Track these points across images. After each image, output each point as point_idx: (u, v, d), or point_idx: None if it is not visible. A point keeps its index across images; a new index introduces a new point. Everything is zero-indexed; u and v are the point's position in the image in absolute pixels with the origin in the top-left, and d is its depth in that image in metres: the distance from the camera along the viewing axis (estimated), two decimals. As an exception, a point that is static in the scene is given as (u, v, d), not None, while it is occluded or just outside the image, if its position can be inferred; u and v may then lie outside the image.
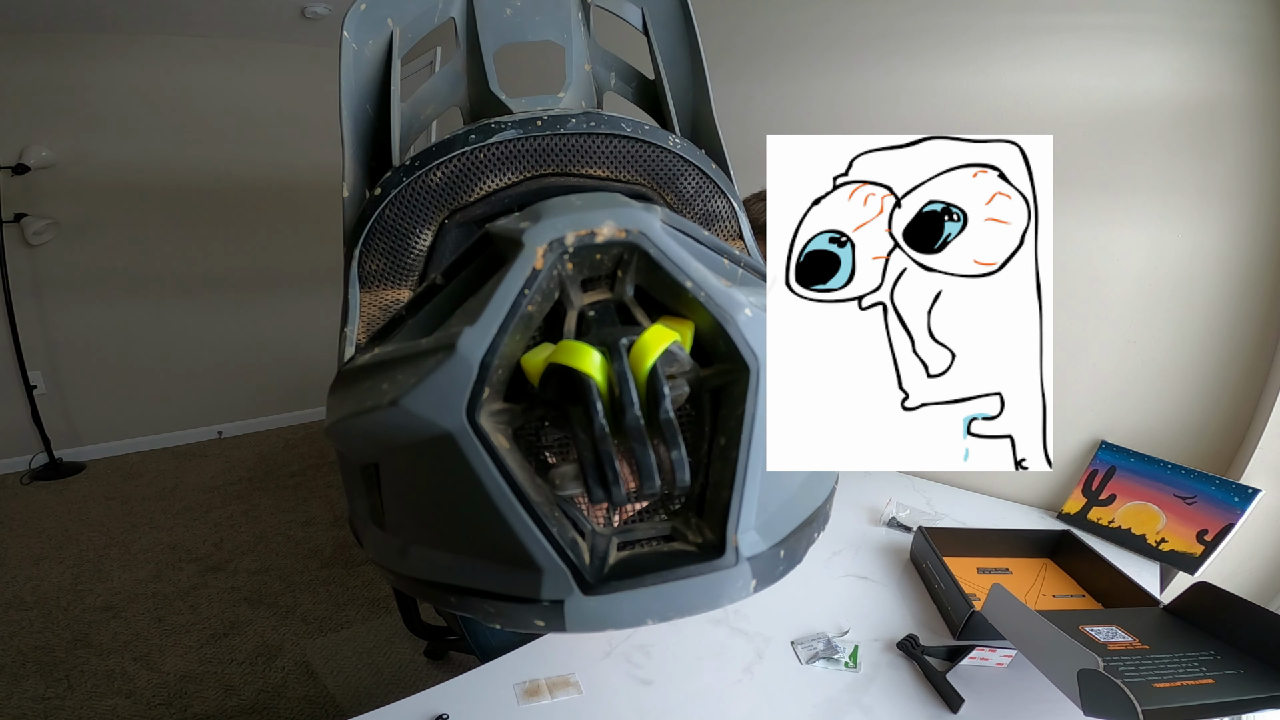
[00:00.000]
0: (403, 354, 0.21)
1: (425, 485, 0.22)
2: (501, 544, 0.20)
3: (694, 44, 0.42)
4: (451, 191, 0.33)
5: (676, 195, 0.36)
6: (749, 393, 0.20)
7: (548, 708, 0.63)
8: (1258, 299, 0.95)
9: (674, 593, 0.20)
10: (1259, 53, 0.91)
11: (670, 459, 0.19)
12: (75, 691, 1.50)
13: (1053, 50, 1.08)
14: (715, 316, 0.20)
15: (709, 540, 0.21)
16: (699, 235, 0.23)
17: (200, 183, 3.01)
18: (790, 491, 0.24)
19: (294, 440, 3.31)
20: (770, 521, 0.22)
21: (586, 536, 0.20)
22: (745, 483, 0.20)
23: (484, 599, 0.21)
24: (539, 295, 0.20)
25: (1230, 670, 0.63)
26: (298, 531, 2.34)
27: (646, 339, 0.19)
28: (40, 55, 2.53)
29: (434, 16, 0.38)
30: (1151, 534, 1.02)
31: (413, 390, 0.19)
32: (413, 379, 0.19)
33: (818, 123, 1.41)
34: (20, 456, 2.74)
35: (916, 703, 0.67)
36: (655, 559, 0.20)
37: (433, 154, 0.32)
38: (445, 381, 0.18)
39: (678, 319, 0.21)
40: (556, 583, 0.20)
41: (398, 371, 0.20)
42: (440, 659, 1.67)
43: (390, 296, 0.34)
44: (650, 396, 0.18)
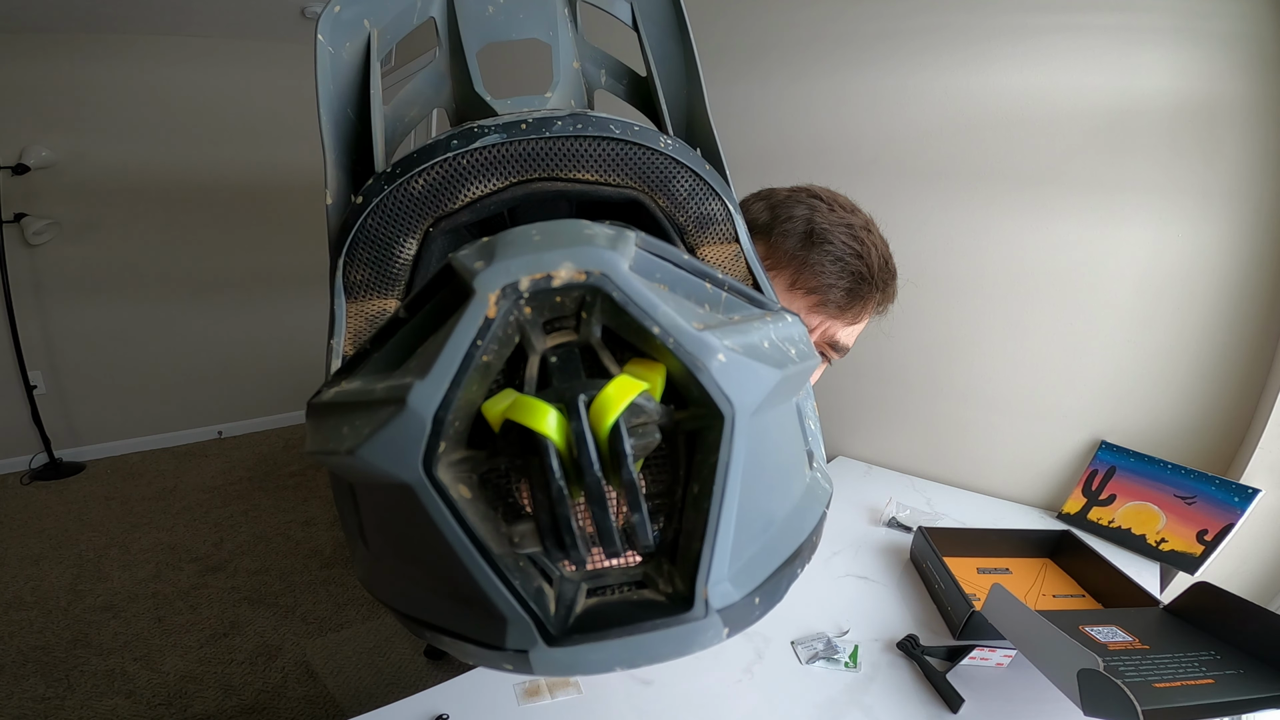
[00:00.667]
0: (360, 398, 0.20)
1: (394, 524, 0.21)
2: (466, 592, 0.19)
3: (686, 40, 0.40)
4: (435, 199, 0.31)
5: (669, 198, 0.34)
6: (723, 441, 0.19)
7: (548, 708, 0.63)
8: (1258, 299, 0.95)
9: (641, 644, 0.19)
10: (1259, 53, 0.91)
11: (633, 521, 0.18)
12: (75, 691, 1.50)
13: (1053, 50, 1.08)
14: (685, 364, 0.18)
15: (678, 591, 0.19)
16: (678, 260, 0.22)
17: (200, 182, 3.01)
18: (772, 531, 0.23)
19: (294, 440, 3.31)
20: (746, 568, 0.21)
21: (554, 583, 0.20)
22: (717, 534, 0.19)
23: (454, 639, 0.21)
24: (495, 344, 0.18)
25: (1230, 670, 0.63)
26: (298, 531, 2.34)
27: (609, 393, 0.18)
28: (40, 55, 2.53)
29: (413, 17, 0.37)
30: (1151, 534, 1.02)
31: (367, 441, 0.18)
32: (367, 429, 0.18)
33: (817, 123, 1.41)
34: (20, 456, 2.74)
35: (916, 703, 0.67)
36: (623, 610, 0.20)
37: (414, 161, 0.31)
38: (398, 436, 0.18)
39: (648, 362, 0.19)
40: (520, 633, 0.19)
41: (355, 417, 0.19)
42: (440, 659, 1.67)
43: (377, 307, 0.33)
44: (612, 455, 0.17)
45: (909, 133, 1.27)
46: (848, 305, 0.57)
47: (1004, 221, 1.17)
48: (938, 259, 1.26)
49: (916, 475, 1.33)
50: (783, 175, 1.54)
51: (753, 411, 0.19)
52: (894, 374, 1.36)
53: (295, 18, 2.80)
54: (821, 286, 0.56)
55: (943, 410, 1.29)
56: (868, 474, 1.35)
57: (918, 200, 1.27)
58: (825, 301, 0.56)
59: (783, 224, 0.57)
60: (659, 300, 0.19)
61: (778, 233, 0.57)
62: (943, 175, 1.23)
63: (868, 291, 0.58)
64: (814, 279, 0.56)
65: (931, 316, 1.28)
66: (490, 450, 0.19)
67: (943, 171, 1.23)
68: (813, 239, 0.56)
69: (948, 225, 1.24)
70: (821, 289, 0.56)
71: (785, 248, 0.56)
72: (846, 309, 0.57)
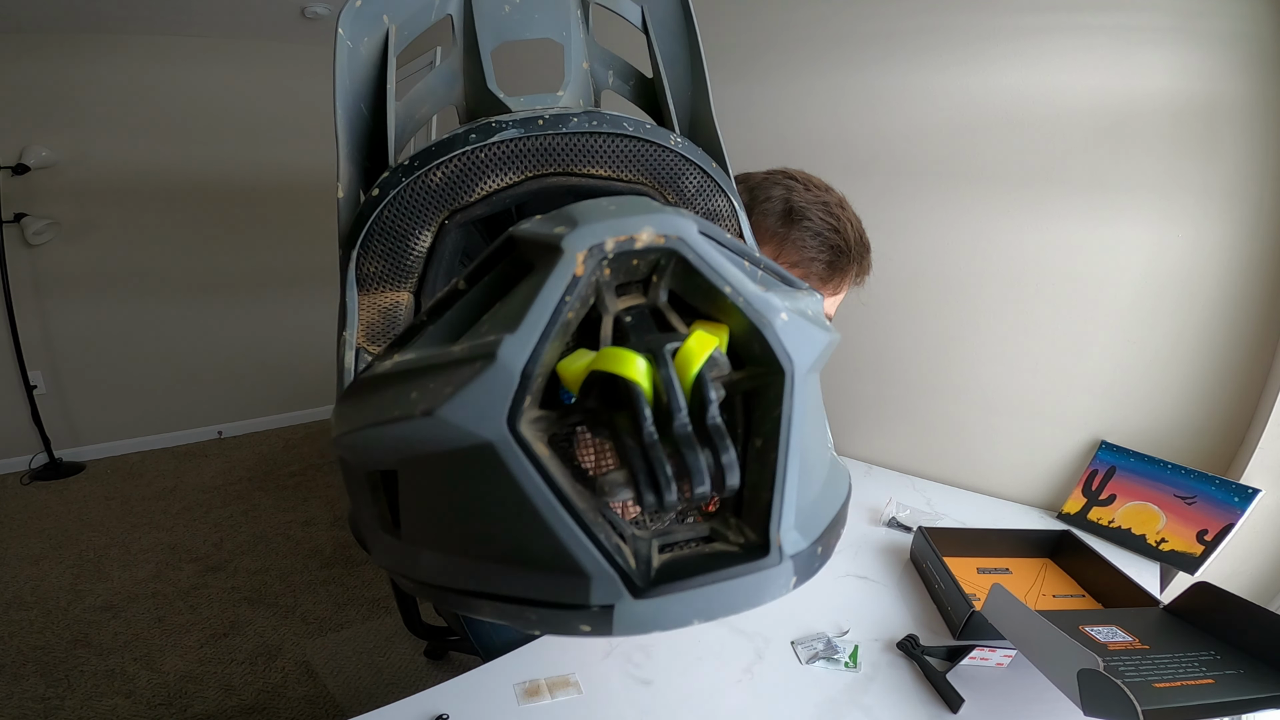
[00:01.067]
0: (433, 362, 0.20)
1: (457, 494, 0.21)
2: (545, 551, 0.19)
3: (694, 43, 0.41)
4: (451, 192, 0.32)
5: (678, 194, 0.36)
6: (785, 395, 0.20)
7: (548, 708, 0.63)
8: (1258, 299, 0.95)
9: (720, 593, 0.20)
10: (1259, 53, 0.91)
11: (721, 462, 0.19)
12: (75, 691, 1.50)
13: (1053, 50, 1.08)
14: (753, 321, 0.20)
15: (752, 540, 0.21)
16: (726, 240, 0.23)
17: (200, 182, 3.01)
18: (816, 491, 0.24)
19: (294, 440, 3.31)
20: (807, 518, 0.22)
21: (628, 541, 0.20)
22: (785, 483, 0.20)
23: (523, 606, 0.21)
24: (578, 302, 0.19)
25: (1230, 670, 0.63)
26: (298, 531, 2.34)
27: (691, 345, 0.19)
28: (40, 55, 2.53)
29: (430, 13, 0.37)
30: (1151, 534, 1.02)
31: (449, 400, 0.18)
32: (448, 388, 0.19)
33: (815, 122, 1.41)
34: (20, 456, 2.74)
35: (916, 703, 0.67)
36: (700, 560, 0.20)
37: (432, 154, 0.31)
38: (485, 391, 0.18)
39: (712, 323, 0.21)
40: (605, 588, 0.19)
41: (429, 380, 0.20)
42: (440, 659, 1.67)
43: (389, 299, 0.33)
44: (697, 402, 0.19)
45: (908, 132, 1.27)
46: (829, 277, 0.61)
47: (1003, 221, 1.17)
48: (937, 259, 1.26)
49: (916, 475, 1.33)
50: (783, 175, 1.53)
51: (807, 370, 0.20)
52: (894, 374, 1.35)
53: (295, 18, 2.80)
54: (803, 260, 0.59)
55: (943, 410, 1.29)
56: (868, 474, 1.35)
57: (917, 200, 1.27)
58: (807, 275, 0.59)
59: (761, 204, 0.60)
60: (729, 262, 0.20)
61: (757, 212, 0.60)
62: (942, 175, 1.23)
63: (846, 264, 0.62)
64: (795, 254, 0.59)
65: (931, 316, 1.28)
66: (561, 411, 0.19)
67: (942, 171, 1.23)
68: (791, 217, 0.59)
69: (947, 225, 1.24)
70: (803, 263, 0.59)
71: (766, 226, 0.60)
72: (828, 281, 0.61)
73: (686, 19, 0.42)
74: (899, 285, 1.32)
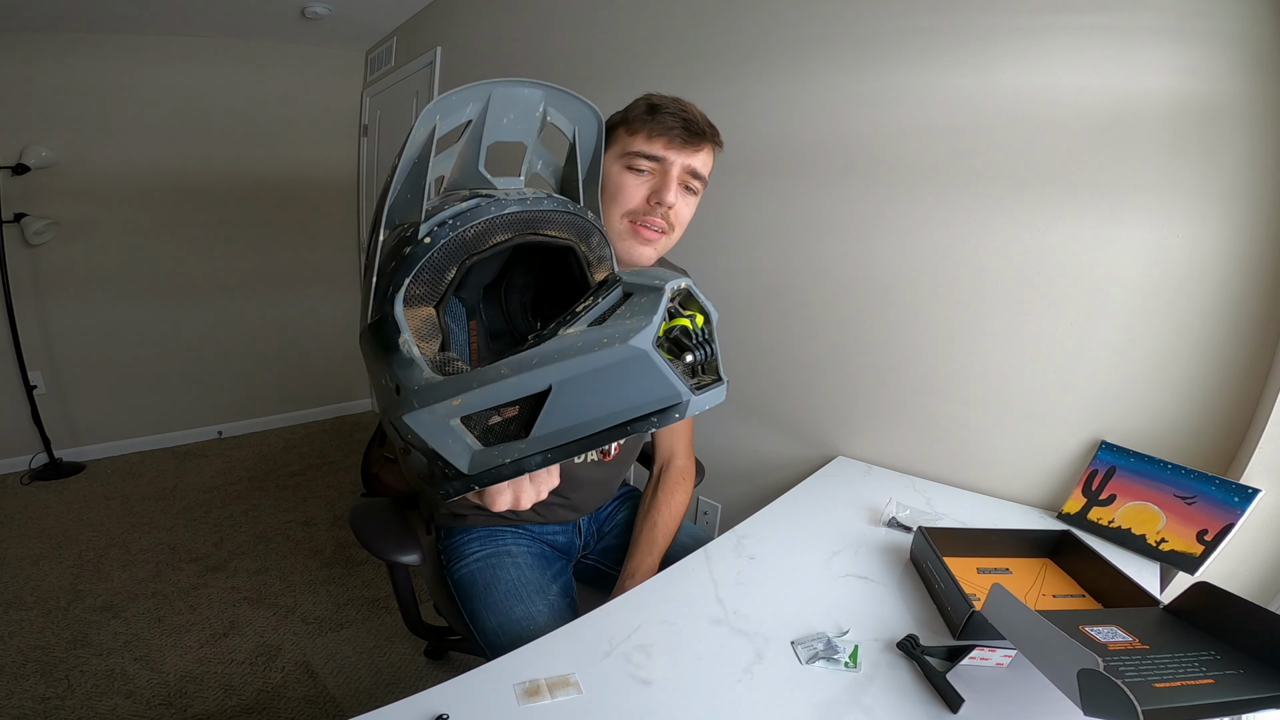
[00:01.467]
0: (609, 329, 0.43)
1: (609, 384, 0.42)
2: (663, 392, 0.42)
3: (599, 154, 0.63)
4: (475, 242, 0.49)
5: (588, 246, 0.58)
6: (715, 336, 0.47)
7: (548, 708, 0.63)
8: (1258, 299, 0.95)
9: (713, 395, 0.45)
10: (1259, 53, 0.91)
11: (713, 350, 0.46)
12: (75, 691, 1.50)
13: (1053, 50, 1.08)
14: (706, 309, 0.47)
15: (719, 378, 0.46)
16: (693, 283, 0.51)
17: (201, 182, 3.01)
18: None
19: (294, 440, 3.31)
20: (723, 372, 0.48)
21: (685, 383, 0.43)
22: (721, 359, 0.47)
23: (644, 421, 0.43)
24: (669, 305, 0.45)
25: (1230, 670, 0.63)
26: (298, 531, 2.34)
27: (699, 317, 0.47)
28: (40, 55, 2.53)
29: (462, 116, 0.54)
30: (1151, 534, 1.02)
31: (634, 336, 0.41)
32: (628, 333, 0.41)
33: (815, 122, 1.41)
34: (20, 456, 2.74)
35: (916, 703, 0.67)
36: (708, 384, 0.45)
37: (466, 217, 0.48)
38: (647, 332, 0.41)
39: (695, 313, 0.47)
40: (685, 396, 0.43)
41: (606, 334, 0.42)
42: (440, 659, 1.67)
43: (425, 312, 0.49)
44: (708, 333, 0.46)
45: (907, 133, 1.27)
46: (689, 140, 0.85)
47: (1003, 221, 1.17)
48: (937, 259, 1.26)
49: (916, 475, 1.33)
50: (781, 174, 1.55)
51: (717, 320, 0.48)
52: (894, 374, 1.36)
53: (295, 18, 2.81)
54: (666, 130, 0.84)
55: (943, 410, 1.30)
56: (868, 474, 1.35)
57: (917, 200, 1.27)
58: (671, 140, 0.84)
59: (634, 109, 0.87)
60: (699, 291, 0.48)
61: (631, 114, 0.86)
62: (942, 175, 1.23)
63: (698, 130, 0.85)
64: (659, 127, 0.84)
65: (931, 316, 1.28)
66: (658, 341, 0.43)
67: (942, 171, 1.23)
68: (652, 108, 0.85)
69: (947, 225, 1.24)
70: (667, 133, 0.84)
71: (638, 118, 0.85)
72: (689, 143, 0.85)
73: (599, 138, 0.62)
74: (899, 285, 1.32)
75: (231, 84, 3.00)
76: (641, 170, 0.85)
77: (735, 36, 1.54)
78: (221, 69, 2.96)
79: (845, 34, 1.34)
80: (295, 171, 3.28)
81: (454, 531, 1.07)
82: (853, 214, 1.38)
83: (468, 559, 1.02)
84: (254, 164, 3.14)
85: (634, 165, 0.84)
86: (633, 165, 0.85)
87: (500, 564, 0.99)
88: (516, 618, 0.90)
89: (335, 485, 2.78)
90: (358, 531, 0.99)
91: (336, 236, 3.54)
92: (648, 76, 1.75)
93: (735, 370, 1.67)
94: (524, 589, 0.95)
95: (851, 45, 1.34)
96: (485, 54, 2.47)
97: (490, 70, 2.43)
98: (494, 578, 0.97)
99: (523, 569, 0.99)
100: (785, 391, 1.57)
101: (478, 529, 1.06)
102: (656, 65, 1.73)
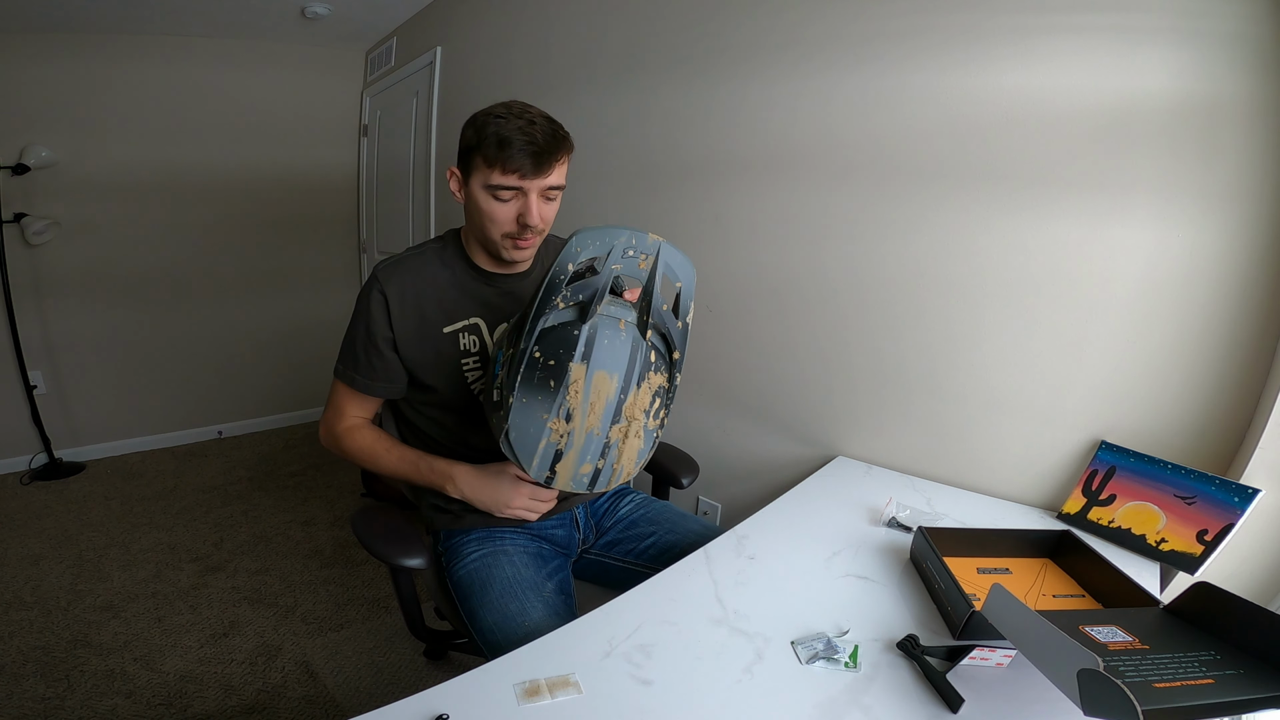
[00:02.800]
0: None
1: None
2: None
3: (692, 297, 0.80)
4: None
5: None
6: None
7: (548, 708, 0.63)
8: (1258, 299, 0.95)
9: None
10: (1259, 53, 0.91)
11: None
12: (75, 691, 1.50)
13: (1053, 50, 1.08)
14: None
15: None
16: None
17: (200, 182, 3.01)
18: None
19: (294, 440, 3.31)
20: None
21: None
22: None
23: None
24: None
25: (1230, 670, 0.63)
26: (298, 531, 2.34)
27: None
28: (40, 55, 2.53)
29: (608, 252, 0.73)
30: (1151, 534, 1.02)
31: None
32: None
33: (814, 122, 1.41)
34: (20, 456, 2.74)
35: (916, 703, 0.67)
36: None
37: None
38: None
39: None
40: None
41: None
42: (440, 659, 1.67)
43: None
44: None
45: (908, 132, 1.27)
46: (538, 167, 0.91)
47: (1003, 221, 1.17)
48: (937, 259, 1.26)
49: (916, 475, 1.33)
50: (781, 174, 1.54)
51: None
52: (894, 374, 1.36)
53: (295, 17, 2.81)
54: (517, 165, 0.90)
55: (943, 410, 1.29)
56: (868, 474, 1.35)
57: (917, 200, 1.27)
58: (524, 172, 0.90)
59: (486, 140, 0.90)
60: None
61: (485, 147, 0.90)
62: (942, 175, 1.23)
63: (546, 157, 0.91)
64: (511, 163, 0.89)
65: (931, 316, 1.28)
66: None
67: (942, 171, 1.23)
68: (502, 141, 0.89)
69: (947, 225, 1.24)
70: (518, 166, 0.90)
71: (491, 151, 0.90)
72: (539, 169, 0.91)
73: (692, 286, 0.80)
74: (899, 285, 1.32)
75: (231, 84, 3.00)
76: (505, 198, 0.93)
77: (732, 35, 1.54)
78: (221, 69, 2.96)
79: (844, 33, 1.34)
80: (295, 171, 3.28)
81: (454, 533, 1.07)
82: (852, 213, 1.38)
83: (466, 559, 1.02)
84: (254, 164, 3.14)
85: (497, 195, 0.93)
86: (496, 195, 0.93)
87: (496, 562, 1.00)
88: (511, 614, 0.91)
89: (335, 485, 2.78)
90: (361, 536, 0.99)
91: (336, 236, 3.54)
92: (645, 76, 1.75)
93: (735, 370, 1.67)
94: (519, 586, 0.95)
95: (851, 44, 1.33)
96: (485, 54, 2.47)
97: (490, 70, 2.43)
98: (490, 576, 0.98)
99: (518, 567, 0.99)
100: (785, 391, 1.57)
101: (476, 530, 1.06)
102: (653, 65, 1.73)
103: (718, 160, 1.62)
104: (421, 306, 1.01)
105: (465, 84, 2.60)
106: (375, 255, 3.43)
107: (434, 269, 1.03)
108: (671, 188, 1.75)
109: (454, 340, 1.02)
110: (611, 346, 0.73)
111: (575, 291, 0.72)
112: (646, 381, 0.76)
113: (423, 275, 1.02)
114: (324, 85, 3.32)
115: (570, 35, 2.05)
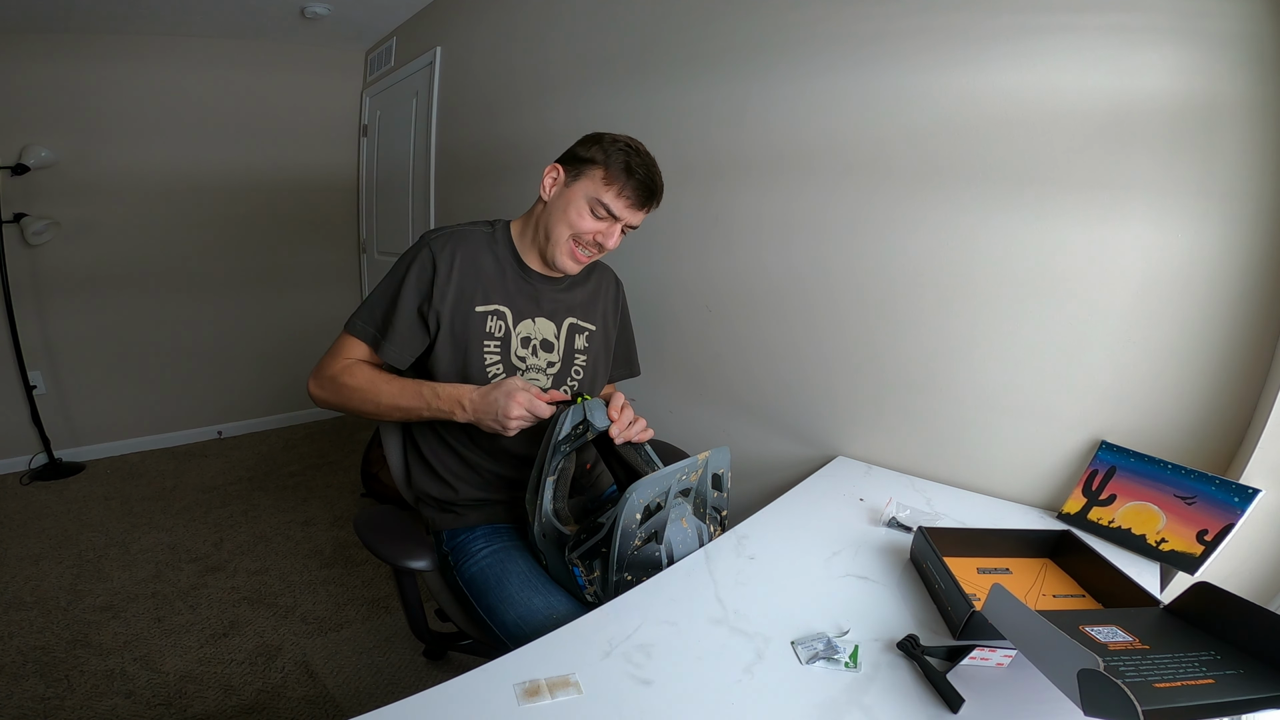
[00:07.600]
0: None
1: None
2: None
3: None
4: None
5: None
6: None
7: (548, 708, 0.63)
8: (1257, 299, 0.95)
9: None
10: (1259, 53, 0.91)
11: None
12: (75, 691, 1.50)
13: (1053, 50, 1.08)
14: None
15: None
16: None
17: (200, 182, 3.01)
18: None
19: (294, 440, 3.31)
20: None
21: None
22: None
23: None
24: None
25: (1230, 670, 0.63)
26: (298, 531, 2.34)
27: None
28: (40, 55, 2.53)
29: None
30: (1151, 534, 1.02)
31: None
32: None
33: (808, 123, 1.41)
34: (20, 456, 2.74)
35: (916, 703, 0.67)
36: None
37: None
38: None
39: None
40: None
41: None
42: (440, 659, 1.67)
43: None
44: None
45: (908, 132, 1.27)
46: (642, 205, 1.06)
47: (1003, 221, 1.17)
48: (937, 259, 1.26)
49: (916, 475, 1.33)
50: (781, 174, 1.54)
51: None
52: (894, 374, 1.35)
53: (295, 18, 2.81)
54: (633, 194, 1.04)
55: (943, 410, 1.29)
56: (868, 474, 1.35)
57: (917, 199, 1.27)
58: (631, 203, 1.04)
59: (613, 158, 1.03)
60: None
61: (611, 166, 1.03)
62: (942, 175, 1.23)
63: (652, 199, 1.07)
64: (628, 190, 1.03)
65: (931, 316, 1.28)
66: None
67: (942, 171, 1.23)
68: (629, 169, 1.02)
69: (947, 224, 1.23)
70: (633, 195, 1.04)
71: (616, 172, 1.03)
72: (641, 207, 1.06)
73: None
74: (899, 285, 1.32)
75: (231, 84, 3.00)
76: (599, 215, 1.04)
77: (734, 36, 1.54)
78: (221, 69, 2.96)
79: (844, 33, 1.34)
80: (295, 171, 3.29)
81: (458, 532, 1.08)
82: (852, 213, 1.38)
83: (475, 556, 1.03)
84: (254, 164, 3.14)
85: (595, 210, 1.03)
86: (595, 209, 1.03)
87: (510, 558, 1.00)
88: (537, 608, 0.91)
89: (335, 485, 2.78)
90: (365, 538, 0.99)
91: (336, 236, 3.54)
92: (645, 77, 1.75)
93: (735, 371, 1.67)
94: (537, 579, 0.96)
95: (850, 44, 1.33)
96: (485, 54, 2.47)
97: (490, 70, 2.43)
98: (505, 571, 0.98)
99: (531, 560, 1.00)
100: (785, 392, 1.57)
101: (480, 527, 1.07)
102: (655, 65, 1.73)
103: (718, 160, 1.61)
104: (464, 278, 1.06)
105: (465, 84, 2.60)
106: (375, 255, 3.43)
107: (483, 249, 1.09)
108: (672, 188, 1.74)
109: (482, 320, 1.06)
110: (683, 541, 0.93)
111: (648, 529, 0.89)
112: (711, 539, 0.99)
113: (472, 250, 1.08)
114: (324, 85, 3.32)
115: (570, 35, 2.05)
